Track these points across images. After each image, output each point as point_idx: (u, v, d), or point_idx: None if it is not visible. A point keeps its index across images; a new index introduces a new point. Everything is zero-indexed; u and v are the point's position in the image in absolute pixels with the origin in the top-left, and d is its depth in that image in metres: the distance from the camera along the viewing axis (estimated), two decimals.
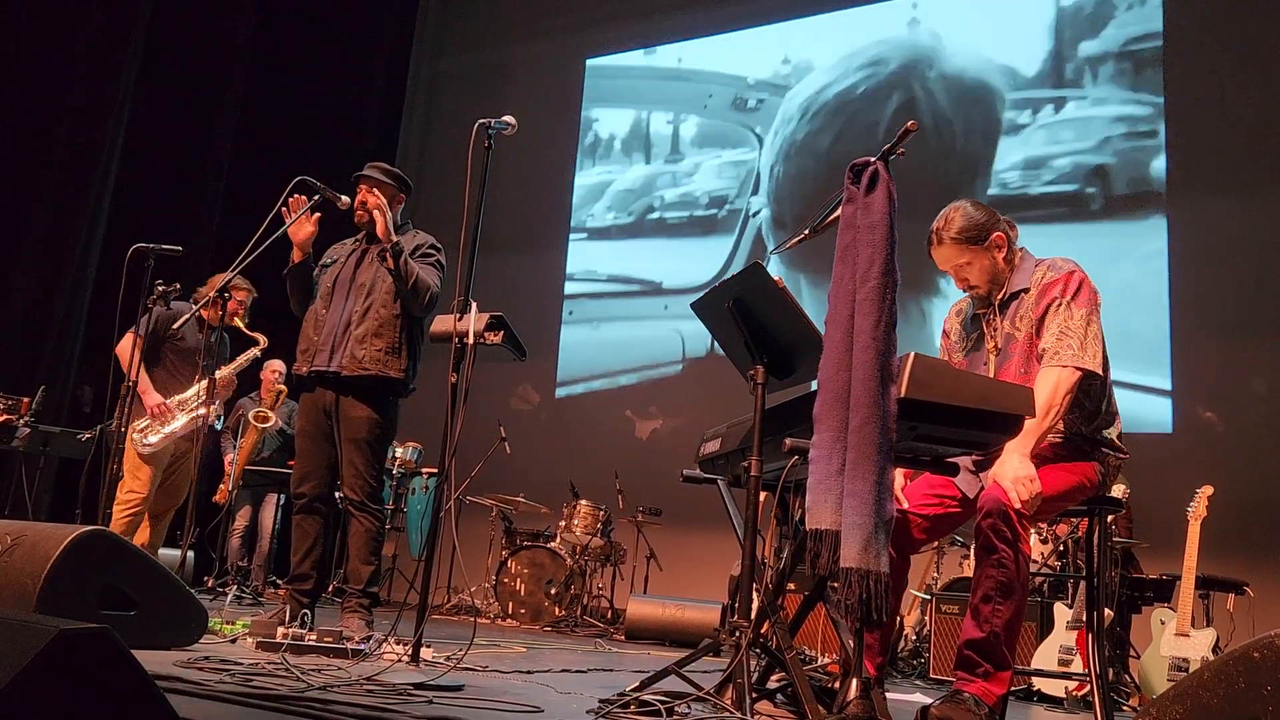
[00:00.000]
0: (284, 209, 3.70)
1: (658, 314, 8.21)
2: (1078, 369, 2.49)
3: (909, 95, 7.45)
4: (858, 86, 7.72)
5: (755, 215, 8.04)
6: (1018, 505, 2.35)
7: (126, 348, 4.69)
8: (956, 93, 7.32)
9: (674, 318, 8.06)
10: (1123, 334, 6.36)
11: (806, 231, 2.57)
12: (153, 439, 4.68)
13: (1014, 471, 2.38)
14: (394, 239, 3.63)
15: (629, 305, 8.41)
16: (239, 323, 4.90)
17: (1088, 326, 2.53)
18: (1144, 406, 6.25)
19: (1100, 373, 2.54)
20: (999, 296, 2.71)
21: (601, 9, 9.14)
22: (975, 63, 7.29)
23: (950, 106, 7.31)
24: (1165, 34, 6.68)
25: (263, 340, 5.01)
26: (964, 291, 2.78)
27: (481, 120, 3.30)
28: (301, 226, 3.74)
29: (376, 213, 3.66)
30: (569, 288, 8.71)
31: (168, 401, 4.75)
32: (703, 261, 8.11)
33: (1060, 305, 2.57)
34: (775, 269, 7.44)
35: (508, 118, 3.35)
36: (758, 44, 8.30)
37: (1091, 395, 2.61)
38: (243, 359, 5.03)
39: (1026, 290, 2.66)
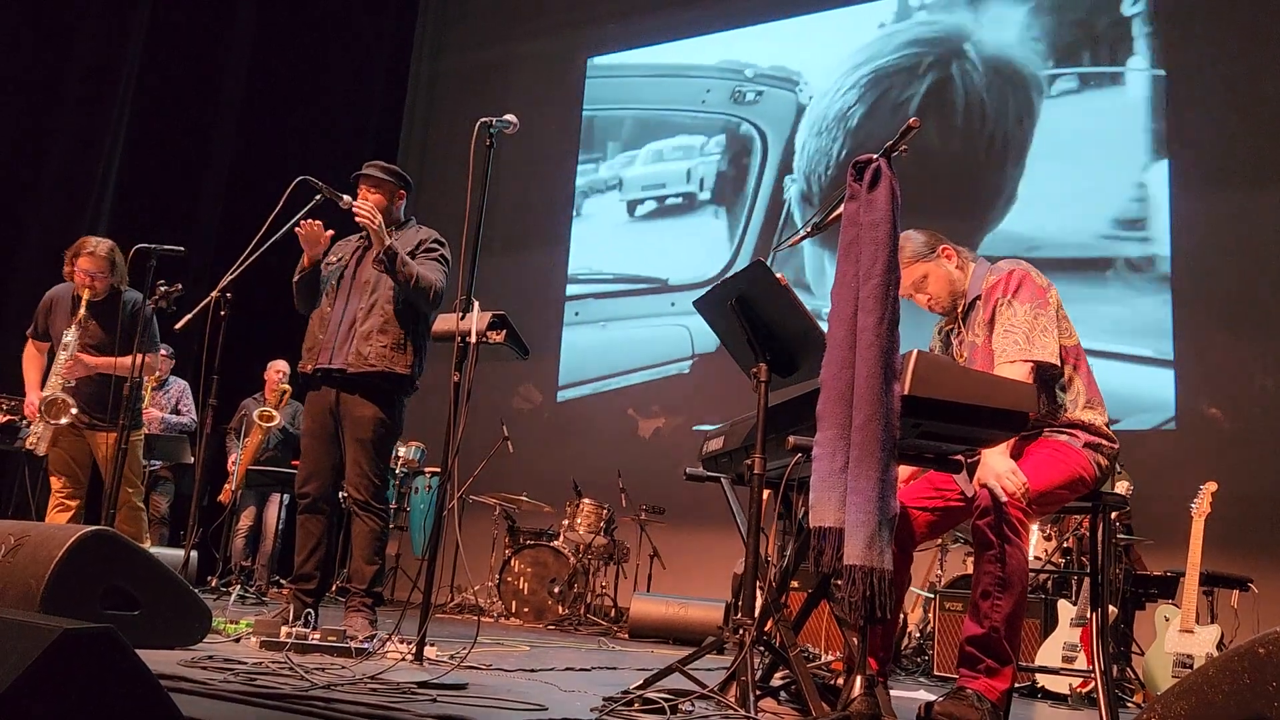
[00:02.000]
0: (298, 229, 3.69)
1: (665, 311, 8.20)
2: (1027, 360, 2.55)
3: (943, 75, 7.41)
4: (887, 67, 7.67)
5: (762, 196, 8.02)
6: (1004, 498, 2.38)
7: (28, 357, 4.51)
8: (989, 74, 7.24)
9: (681, 314, 8.07)
10: (1127, 330, 6.36)
11: (809, 228, 2.57)
12: (36, 441, 4.34)
13: (996, 467, 2.43)
14: (387, 242, 3.59)
15: (635, 304, 8.40)
16: (85, 296, 4.36)
17: (1034, 320, 2.59)
18: (1148, 402, 6.24)
19: (1055, 362, 2.59)
20: (960, 308, 2.80)
21: (603, 6, 9.13)
22: (1009, 45, 7.23)
23: (982, 87, 7.25)
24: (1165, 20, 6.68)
25: (82, 304, 4.38)
26: (930, 310, 2.86)
27: (483, 119, 3.30)
28: (317, 240, 3.72)
29: (368, 224, 3.58)
30: (573, 289, 8.70)
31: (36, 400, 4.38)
32: (708, 255, 8.12)
33: (1003, 304, 2.65)
34: (797, 251, 7.45)
35: (509, 116, 3.35)
36: (762, 39, 8.29)
37: (1057, 384, 2.65)
38: (71, 338, 4.36)
39: (979, 297, 2.73)
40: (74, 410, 4.32)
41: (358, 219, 3.65)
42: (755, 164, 8.11)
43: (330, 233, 3.76)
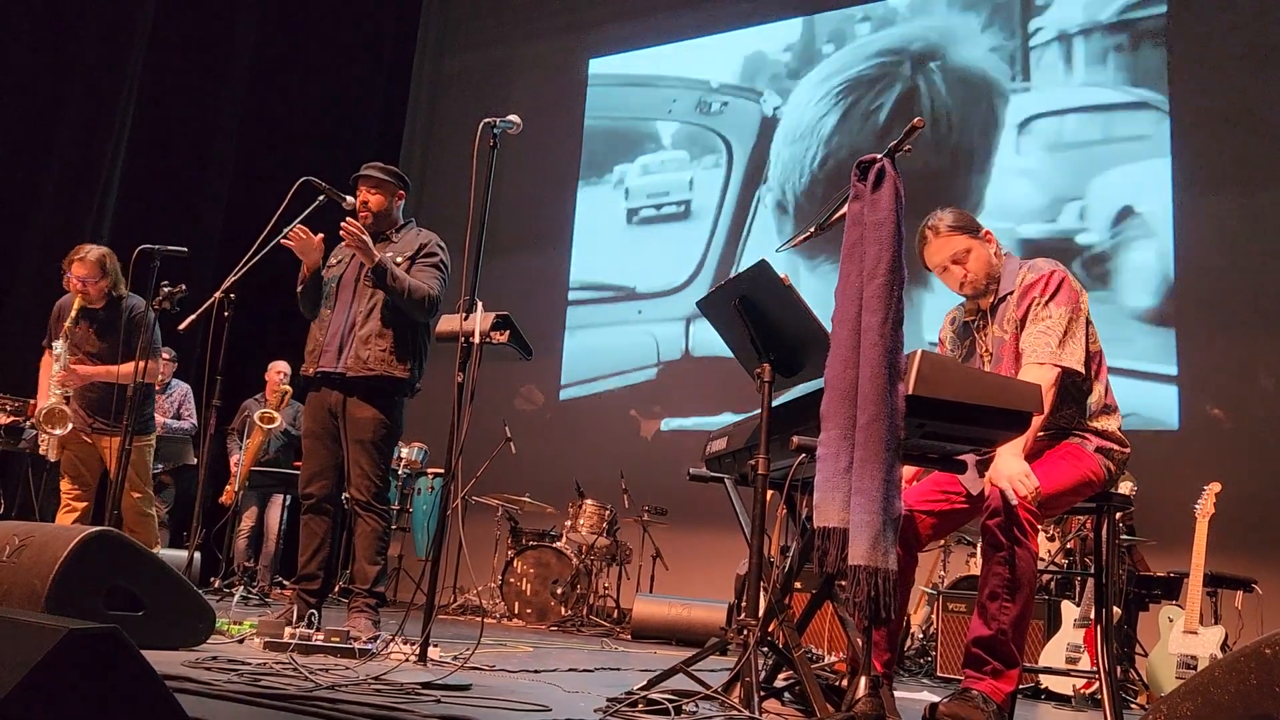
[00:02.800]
0: (285, 241, 3.67)
1: (632, 319, 8.30)
2: (1056, 366, 2.53)
3: (912, 85, 7.46)
4: (864, 75, 7.72)
5: (736, 200, 8.06)
6: (1015, 501, 2.37)
7: (44, 366, 4.49)
8: (957, 85, 7.30)
9: (648, 321, 8.20)
10: (1130, 330, 6.35)
11: (812, 229, 2.56)
12: (45, 449, 4.39)
13: (1009, 470, 2.41)
14: (376, 259, 3.56)
15: (607, 311, 8.46)
16: (78, 303, 4.37)
17: (1068, 325, 2.57)
18: (1151, 403, 6.23)
19: (1081, 370, 2.57)
20: (989, 301, 2.75)
21: (606, 8, 9.13)
22: (977, 55, 7.28)
23: (951, 99, 7.29)
24: (1169, 24, 6.67)
25: (73, 311, 4.40)
26: (957, 291, 2.79)
27: (487, 119, 3.29)
28: (309, 248, 3.71)
29: (355, 243, 3.54)
30: (575, 290, 8.71)
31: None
32: (679, 262, 8.18)
33: (1038, 304, 2.62)
34: (789, 257, 7.47)
35: (513, 117, 3.34)
36: (764, 40, 8.28)
37: (1082, 391, 2.64)
38: (60, 349, 4.36)
39: (1011, 293, 2.70)
40: (71, 424, 4.34)
41: (346, 244, 3.62)
42: (721, 174, 8.15)
43: (321, 236, 3.75)
